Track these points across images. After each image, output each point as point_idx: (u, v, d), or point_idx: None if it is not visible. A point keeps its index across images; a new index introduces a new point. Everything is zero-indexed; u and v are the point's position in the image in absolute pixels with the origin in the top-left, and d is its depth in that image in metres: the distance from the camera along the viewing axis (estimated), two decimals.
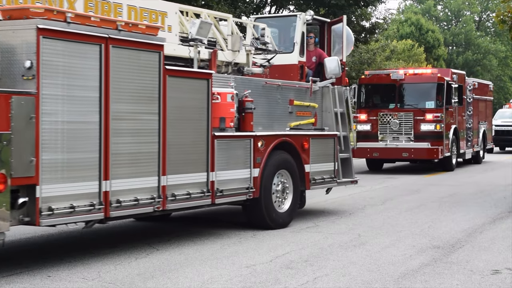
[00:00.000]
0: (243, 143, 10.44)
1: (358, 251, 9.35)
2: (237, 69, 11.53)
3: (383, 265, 8.48)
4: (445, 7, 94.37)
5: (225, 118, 10.05)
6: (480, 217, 12.44)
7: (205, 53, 10.72)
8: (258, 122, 10.92)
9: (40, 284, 7.48)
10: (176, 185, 9.22)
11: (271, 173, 10.97)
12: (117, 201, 8.38)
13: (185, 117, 9.40)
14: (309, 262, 8.60)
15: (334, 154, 12.44)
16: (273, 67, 12.35)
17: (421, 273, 8.05)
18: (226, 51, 11.22)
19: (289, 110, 11.89)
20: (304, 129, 12.09)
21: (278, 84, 11.66)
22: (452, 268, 8.31)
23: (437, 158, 22.16)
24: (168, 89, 9.05)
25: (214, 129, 9.84)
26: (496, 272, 8.13)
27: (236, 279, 7.77)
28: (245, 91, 10.66)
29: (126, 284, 7.55)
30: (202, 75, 9.84)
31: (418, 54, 59.98)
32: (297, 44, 12.56)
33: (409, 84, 22.51)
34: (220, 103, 10.00)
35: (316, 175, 12.01)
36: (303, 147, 11.66)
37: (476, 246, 9.72)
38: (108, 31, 8.28)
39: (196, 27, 10.10)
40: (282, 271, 8.13)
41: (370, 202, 14.60)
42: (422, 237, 10.38)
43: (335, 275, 7.97)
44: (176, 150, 9.19)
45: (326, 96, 12.76)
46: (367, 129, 22.59)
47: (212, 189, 9.80)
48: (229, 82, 10.54)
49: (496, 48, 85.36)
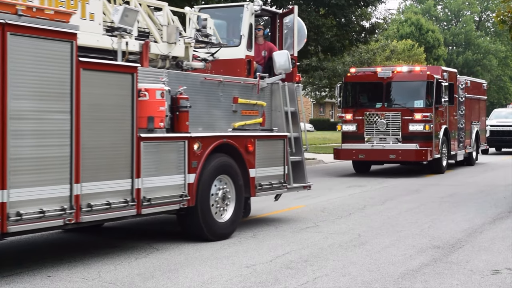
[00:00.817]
0: (176, 146, 9.38)
1: (358, 251, 9.35)
2: (176, 63, 10.45)
3: (383, 265, 8.48)
4: (445, 7, 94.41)
5: (153, 118, 8.96)
6: (480, 217, 12.44)
7: (135, 45, 9.61)
8: (196, 122, 9.94)
9: (40, 284, 7.48)
10: (93, 194, 8.13)
11: (210, 179, 9.92)
12: (17, 214, 7.28)
13: (105, 117, 8.33)
14: (309, 262, 8.60)
15: (283, 157, 11.41)
16: (218, 62, 11.24)
17: (421, 273, 8.05)
18: (160, 43, 10.07)
19: (233, 109, 10.82)
20: (249, 130, 11.06)
21: (219, 80, 10.57)
22: (452, 268, 8.31)
23: (426, 160, 21.11)
24: (82, 84, 7.97)
25: (140, 130, 8.78)
26: (496, 272, 8.13)
27: (236, 279, 7.77)
28: (179, 88, 9.63)
29: (126, 284, 7.55)
30: (125, 68, 8.71)
31: (418, 54, 60.01)
32: (244, 37, 11.39)
33: (397, 82, 21.45)
34: (148, 101, 8.90)
35: (263, 180, 10.97)
36: (248, 149, 10.61)
37: (476, 246, 9.71)
38: (6, 15, 7.26)
39: (120, 14, 9.01)
40: (282, 271, 8.13)
41: (370, 202, 14.59)
42: (422, 237, 10.38)
43: (335, 275, 7.97)
44: (93, 154, 8.13)
45: (276, 93, 11.72)
46: (353, 129, 21.52)
47: (137, 198, 8.71)
48: (161, 77, 9.47)
49: (496, 48, 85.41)
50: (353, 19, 25.25)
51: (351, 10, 24.41)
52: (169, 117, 9.39)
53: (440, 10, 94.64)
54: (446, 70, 23.24)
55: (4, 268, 8.12)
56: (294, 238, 10.32)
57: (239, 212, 10.55)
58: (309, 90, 63.27)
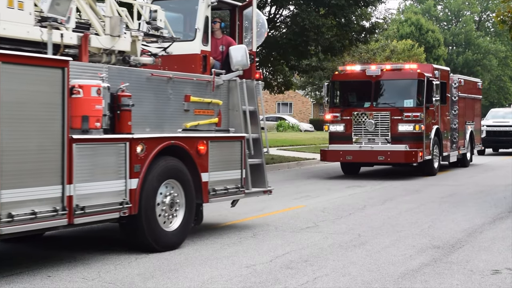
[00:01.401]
0: (116, 148, 8.52)
1: (358, 251, 9.35)
2: (123, 58, 9.51)
3: (383, 265, 8.48)
4: (445, 7, 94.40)
5: (88, 117, 8.09)
6: (480, 217, 12.44)
7: (72, 38, 8.66)
8: (143, 122, 9.20)
9: (40, 284, 7.48)
10: (15, 202, 7.32)
11: (155, 184, 9.08)
12: None
13: (30, 116, 7.54)
14: (309, 262, 8.60)
15: (241, 160, 10.59)
16: (172, 57, 10.34)
17: (421, 273, 8.06)
18: (102, 36, 9.12)
19: (185, 108, 9.99)
20: (203, 131, 10.23)
21: (169, 77, 9.74)
22: (452, 268, 8.31)
23: (416, 162, 20.13)
24: (2, 79, 7.22)
25: (73, 131, 7.97)
26: (496, 272, 8.13)
27: (236, 279, 7.77)
28: (121, 84, 8.82)
29: (126, 284, 7.55)
30: (54, 62, 7.87)
31: (418, 54, 60.03)
32: (199, 30, 10.50)
33: (386, 80, 20.59)
34: (82, 98, 8.05)
35: (217, 185, 10.17)
36: (199, 151, 9.81)
37: (476, 246, 9.71)
38: None
39: (49, 2, 8.11)
40: (282, 271, 8.13)
41: (370, 202, 14.59)
42: (422, 237, 10.38)
43: (335, 275, 7.97)
44: (15, 158, 7.33)
45: (233, 91, 10.87)
46: (340, 130, 20.67)
47: (69, 206, 7.86)
48: (99, 72, 8.61)
49: (496, 48, 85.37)
50: (353, 19, 25.22)
51: (351, 10, 24.38)
52: (108, 116, 8.61)
53: (440, 10, 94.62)
54: (438, 68, 22.42)
55: (4, 268, 8.13)
56: (294, 238, 10.32)
57: (189, 220, 9.72)
58: (309, 90, 63.39)
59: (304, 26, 22.83)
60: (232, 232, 10.74)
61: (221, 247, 9.59)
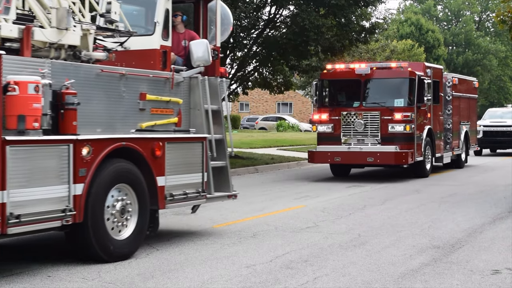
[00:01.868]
0: (58, 151, 7.80)
1: (358, 251, 9.35)
2: (73, 54, 8.78)
3: (383, 265, 8.48)
4: (445, 7, 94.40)
5: (25, 117, 7.44)
6: (480, 217, 12.44)
7: (13, 30, 7.91)
8: (92, 122, 8.56)
9: (40, 284, 7.48)
10: None
11: (104, 190, 8.39)
12: None
13: None
14: (309, 262, 8.60)
15: (202, 162, 9.91)
16: (130, 53, 9.64)
17: (421, 273, 8.06)
18: (48, 29, 8.30)
19: (140, 107, 9.34)
20: (161, 131, 9.59)
21: (121, 73, 9.04)
22: (452, 268, 8.31)
23: (406, 163, 19.40)
24: None
25: (7, 132, 7.32)
26: (496, 272, 8.13)
27: (236, 279, 7.77)
28: (65, 81, 8.14)
29: (126, 284, 7.55)
30: None
31: (418, 54, 60.03)
32: (158, 24, 9.85)
33: (376, 79, 19.83)
34: (18, 96, 7.40)
35: (175, 189, 9.47)
36: (154, 154, 9.11)
37: (476, 246, 9.72)
38: None
39: None
40: (282, 271, 8.13)
41: (370, 202, 14.59)
42: (422, 237, 10.38)
43: (335, 275, 7.97)
44: None
45: (195, 89, 10.23)
46: (329, 130, 19.82)
47: (2, 215, 7.17)
48: (40, 68, 7.92)
49: (496, 48, 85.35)
50: (353, 19, 25.19)
51: (351, 10, 24.34)
52: (50, 116, 7.88)
53: (440, 10, 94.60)
54: (430, 67, 21.55)
55: (4, 268, 8.13)
56: (294, 238, 10.32)
57: (143, 228, 9.02)
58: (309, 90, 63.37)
59: (304, 26, 22.80)
60: (232, 232, 10.74)
61: (221, 247, 9.59)
